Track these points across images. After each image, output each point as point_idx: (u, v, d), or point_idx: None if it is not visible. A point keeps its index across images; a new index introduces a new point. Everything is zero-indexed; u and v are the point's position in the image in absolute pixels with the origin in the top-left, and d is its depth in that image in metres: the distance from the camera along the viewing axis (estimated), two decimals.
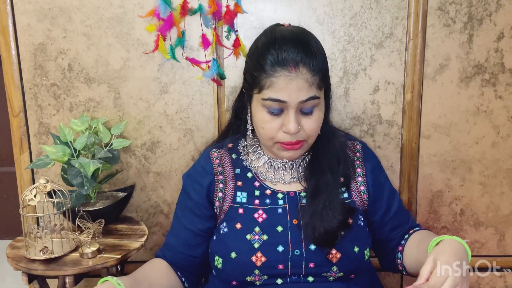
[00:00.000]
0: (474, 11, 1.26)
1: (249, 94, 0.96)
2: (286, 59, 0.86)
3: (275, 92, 0.87)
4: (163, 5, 1.21)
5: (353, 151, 1.05)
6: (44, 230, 1.10)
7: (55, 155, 1.16)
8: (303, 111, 0.91)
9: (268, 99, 0.89)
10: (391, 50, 1.29)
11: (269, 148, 0.98)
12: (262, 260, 0.93)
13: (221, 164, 1.03)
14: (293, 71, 0.86)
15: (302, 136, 0.92)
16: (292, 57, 0.86)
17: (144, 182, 1.37)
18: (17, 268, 1.09)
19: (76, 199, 1.21)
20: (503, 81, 1.30)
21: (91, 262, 1.08)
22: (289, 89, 0.86)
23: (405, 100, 1.32)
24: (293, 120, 0.88)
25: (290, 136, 0.91)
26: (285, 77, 0.86)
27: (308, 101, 0.89)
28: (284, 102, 0.88)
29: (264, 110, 0.91)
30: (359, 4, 1.26)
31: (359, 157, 1.04)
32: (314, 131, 0.94)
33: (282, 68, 0.86)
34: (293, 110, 0.89)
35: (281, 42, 0.88)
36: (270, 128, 0.91)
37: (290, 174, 1.01)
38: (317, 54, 0.90)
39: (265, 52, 0.89)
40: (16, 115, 1.32)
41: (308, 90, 0.88)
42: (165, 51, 1.26)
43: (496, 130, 1.33)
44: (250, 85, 0.93)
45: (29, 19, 1.26)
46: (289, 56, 0.86)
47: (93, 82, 1.31)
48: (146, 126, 1.33)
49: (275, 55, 0.87)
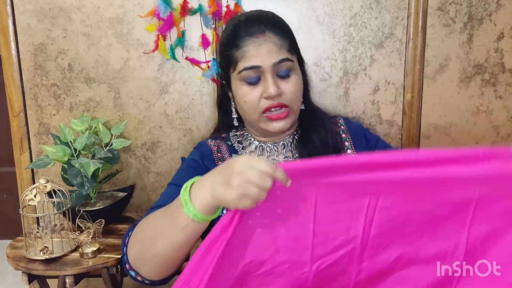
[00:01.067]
0: (474, 11, 1.26)
1: (228, 79, 0.98)
2: (253, 28, 0.92)
3: (248, 60, 0.91)
4: (163, 5, 1.21)
5: (337, 125, 1.06)
6: (44, 230, 1.10)
7: (55, 155, 1.16)
8: (280, 75, 0.92)
9: (243, 69, 0.91)
10: (391, 50, 1.29)
11: (257, 124, 0.96)
12: None
13: (220, 151, 1.02)
14: (261, 36, 0.91)
15: (285, 99, 0.92)
16: (258, 25, 0.92)
17: (144, 182, 1.37)
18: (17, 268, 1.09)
19: (76, 199, 1.20)
20: (503, 81, 1.30)
21: (91, 262, 1.08)
22: (260, 53, 0.90)
23: (405, 100, 1.32)
24: (271, 82, 0.91)
25: (272, 100, 0.91)
26: (254, 43, 0.91)
27: (282, 63, 0.91)
28: (259, 67, 0.90)
29: (243, 84, 0.93)
30: (359, 4, 1.26)
31: (344, 130, 1.05)
32: (295, 95, 0.94)
33: (251, 37, 0.91)
34: (269, 74, 0.91)
35: (247, 19, 0.95)
36: (252, 99, 0.92)
37: (283, 154, 1.01)
38: (281, 23, 0.96)
39: (233, 31, 0.94)
40: (16, 115, 1.32)
41: (279, 52, 0.91)
42: (165, 51, 1.26)
43: (496, 130, 1.33)
44: (226, 68, 0.97)
45: (29, 19, 1.26)
46: (255, 25, 0.92)
47: (93, 82, 1.31)
48: (146, 126, 1.33)
49: (243, 28, 0.93)
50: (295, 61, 0.96)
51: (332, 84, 1.31)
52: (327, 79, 1.31)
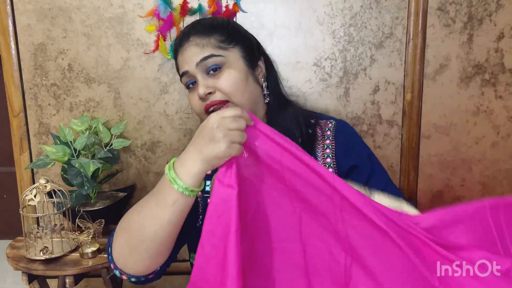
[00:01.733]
0: (474, 11, 1.26)
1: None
2: (181, 41, 0.95)
3: (180, 69, 0.95)
4: (163, 5, 1.21)
5: (323, 129, 0.98)
6: (44, 230, 1.10)
7: (55, 155, 1.16)
8: (209, 72, 0.92)
9: (180, 78, 0.95)
10: (391, 50, 1.29)
11: None
12: None
13: None
14: (186, 43, 0.93)
15: (220, 96, 0.91)
16: (184, 35, 0.95)
17: (144, 182, 1.37)
18: (17, 268, 1.09)
19: (76, 199, 1.20)
20: (503, 81, 1.30)
21: (91, 262, 1.08)
22: (185, 59, 0.93)
23: (405, 100, 1.32)
24: (200, 83, 0.91)
25: (205, 100, 0.91)
26: (181, 51, 0.94)
27: (206, 60, 0.91)
28: (187, 72, 0.93)
29: (187, 90, 0.96)
30: (359, 4, 1.26)
31: (329, 136, 0.96)
32: (229, 87, 0.91)
33: (179, 47, 0.95)
34: (199, 74, 0.92)
35: (181, 32, 0.98)
36: (194, 103, 0.94)
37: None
38: (207, 22, 0.96)
39: (175, 43, 0.98)
40: (16, 115, 1.32)
41: (201, 51, 0.92)
42: (165, 51, 1.26)
43: (496, 130, 1.33)
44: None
45: (29, 19, 1.26)
46: (183, 36, 0.95)
47: (93, 82, 1.31)
48: (146, 126, 1.33)
49: (177, 41, 0.96)
50: (230, 55, 0.93)
51: (332, 84, 1.31)
52: (327, 79, 1.31)
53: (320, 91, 1.31)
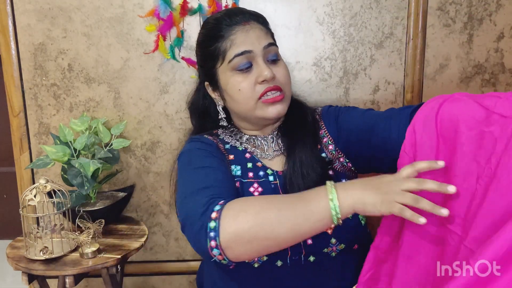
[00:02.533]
0: (474, 11, 1.26)
1: (213, 77, 0.98)
2: (237, 18, 0.94)
3: (239, 47, 0.92)
4: (163, 5, 1.21)
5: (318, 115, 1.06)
6: (44, 230, 1.10)
7: (55, 155, 1.16)
8: (270, 60, 0.94)
9: (234, 56, 0.92)
10: (391, 50, 1.29)
11: (252, 113, 0.94)
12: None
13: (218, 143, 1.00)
14: (247, 24, 0.93)
15: (279, 83, 0.93)
16: (241, 15, 0.95)
17: (144, 182, 1.37)
18: (17, 268, 1.09)
19: (76, 199, 1.20)
20: (503, 81, 1.30)
21: (91, 262, 1.08)
22: (249, 38, 0.92)
23: (405, 100, 1.32)
24: (265, 66, 0.92)
25: (268, 83, 0.92)
26: (242, 31, 0.92)
27: (271, 47, 0.94)
28: (250, 52, 0.91)
29: (234, 73, 0.93)
30: (359, 4, 1.26)
31: (319, 119, 1.04)
32: (287, 78, 0.96)
33: (237, 25, 0.93)
34: (261, 58, 0.92)
35: (228, 12, 0.98)
36: (247, 86, 0.92)
37: (273, 148, 1.01)
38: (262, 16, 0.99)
39: (216, 25, 0.95)
40: (16, 115, 1.32)
41: (266, 37, 0.94)
42: (165, 51, 1.26)
43: None
44: (210, 65, 0.97)
45: (29, 19, 1.26)
46: (239, 15, 0.95)
47: (93, 82, 1.31)
48: (146, 126, 1.33)
49: (227, 20, 0.94)
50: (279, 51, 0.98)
51: (332, 84, 1.31)
52: (327, 79, 1.31)
53: (320, 91, 1.31)
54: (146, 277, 1.44)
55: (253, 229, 0.72)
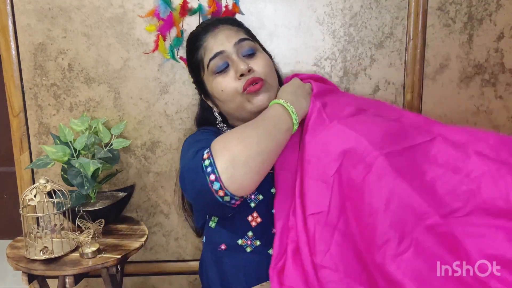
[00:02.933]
0: (474, 11, 1.26)
1: (202, 84, 1.04)
2: (207, 27, 1.01)
3: (211, 51, 0.97)
4: (163, 5, 1.21)
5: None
6: (44, 230, 1.10)
7: (55, 155, 1.16)
8: (245, 54, 0.97)
9: (209, 60, 0.97)
10: (391, 50, 1.29)
11: (242, 108, 0.98)
12: (257, 221, 0.94)
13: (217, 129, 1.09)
14: (216, 28, 0.99)
15: (258, 74, 0.96)
16: (211, 23, 1.02)
17: (144, 182, 1.37)
18: (17, 268, 1.08)
19: (76, 199, 1.20)
20: (503, 81, 1.30)
21: (91, 262, 1.08)
22: (219, 40, 0.97)
23: (405, 100, 1.32)
24: (240, 60, 0.95)
25: (246, 76, 0.94)
26: (211, 35, 0.98)
27: (242, 42, 0.97)
28: (222, 52, 0.96)
29: (215, 76, 0.97)
30: (359, 4, 1.26)
31: None
32: (267, 68, 0.97)
33: (207, 32, 0.99)
34: (235, 55, 0.96)
35: (200, 24, 1.07)
36: (227, 84, 0.96)
37: None
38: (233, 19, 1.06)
39: (192, 38, 1.03)
40: (16, 115, 1.32)
41: (236, 34, 0.98)
42: (165, 51, 1.26)
43: (496, 130, 1.33)
44: (197, 76, 1.04)
45: (29, 19, 1.26)
46: (209, 24, 1.02)
47: (93, 82, 1.31)
48: (146, 126, 1.33)
49: (199, 31, 1.02)
50: (258, 45, 1.02)
51: None
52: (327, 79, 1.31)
53: None
54: (146, 277, 1.44)
55: (244, 150, 0.79)
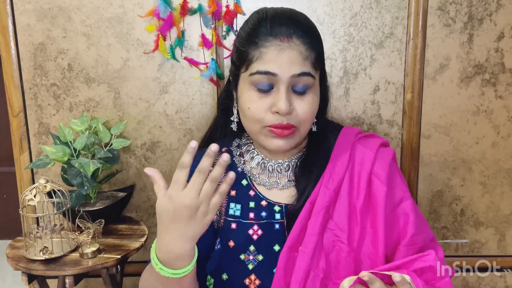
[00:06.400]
0: (474, 11, 1.26)
1: (236, 77, 0.85)
2: (278, 29, 0.78)
3: (265, 64, 0.78)
4: (163, 5, 1.21)
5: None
6: (44, 230, 1.10)
7: (55, 155, 1.16)
8: (296, 90, 0.80)
9: (256, 72, 0.78)
10: (391, 50, 1.29)
11: (256, 136, 0.84)
12: (256, 283, 0.83)
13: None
14: (286, 40, 0.77)
15: (294, 120, 0.80)
16: (285, 27, 0.79)
17: (144, 182, 1.37)
18: (17, 268, 1.08)
19: (76, 199, 1.20)
20: (503, 81, 1.30)
21: (91, 262, 1.08)
22: (280, 60, 0.77)
23: (405, 100, 1.32)
24: (284, 97, 0.77)
25: (280, 118, 0.79)
26: (276, 47, 0.77)
27: (302, 77, 0.78)
28: (274, 75, 0.77)
29: (251, 88, 0.80)
30: (359, 4, 1.26)
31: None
32: (308, 116, 0.81)
33: (274, 38, 0.78)
34: (284, 86, 0.78)
35: (274, 16, 0.81)
36: (257, 108, 0.80)
37: (286, 177, 0.89)
38: (313, 30, 0.83)
39: (256, 25, 0.81)
40: (16, 115, 1.32)
41: (302, 64, 0.78)
42: (165, 51, 1.26)
43: (496, 130, 1.33)
44: (237, 65, 0.84)
45: (29, 19, 1.26)
46: (282, 26, 0.79)
47: (93, 82, 1.31)
48: (146, 126, 1.33)
49: (267, 27, 0.79)
50: (317, 79, 0.83)
51: (332, 84, 1.31)
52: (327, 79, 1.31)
53: None
54: None
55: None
